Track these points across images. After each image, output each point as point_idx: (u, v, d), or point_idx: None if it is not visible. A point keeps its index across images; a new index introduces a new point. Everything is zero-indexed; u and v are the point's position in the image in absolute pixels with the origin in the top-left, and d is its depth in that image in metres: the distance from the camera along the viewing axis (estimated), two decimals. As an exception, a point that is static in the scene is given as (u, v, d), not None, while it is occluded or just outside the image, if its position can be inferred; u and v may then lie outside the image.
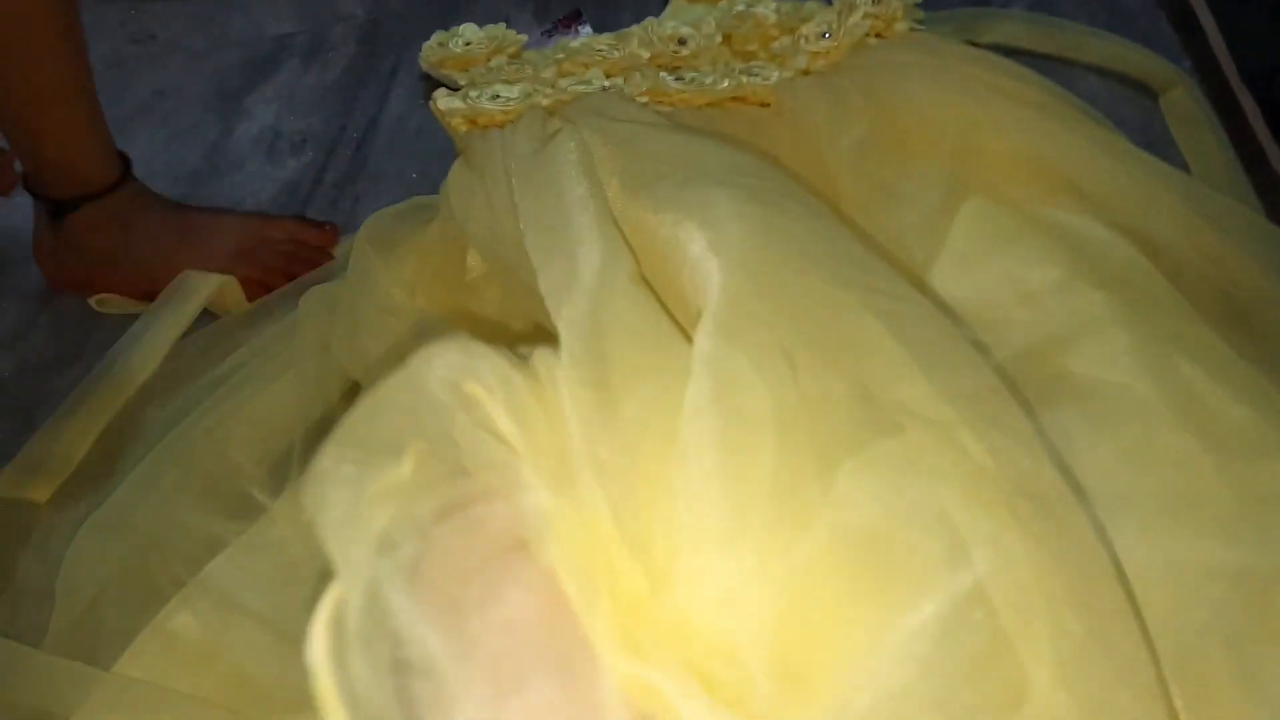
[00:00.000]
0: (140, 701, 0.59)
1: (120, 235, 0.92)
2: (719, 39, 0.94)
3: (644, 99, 0.87)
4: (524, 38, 0.99)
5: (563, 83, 0.89)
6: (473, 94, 0.88)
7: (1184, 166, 0.87)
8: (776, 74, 0.88)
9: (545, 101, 0.87)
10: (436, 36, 1.02)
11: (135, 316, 0.89)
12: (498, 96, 0.87)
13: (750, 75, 0.89)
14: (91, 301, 0.95)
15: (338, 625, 0.41)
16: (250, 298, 0.93)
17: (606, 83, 0.89)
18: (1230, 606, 0.53)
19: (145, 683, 0.59)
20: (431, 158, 1.05)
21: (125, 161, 0.95)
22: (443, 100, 0.88)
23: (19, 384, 0.90)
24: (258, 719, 0.58)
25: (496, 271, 0.79)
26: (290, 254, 0.94)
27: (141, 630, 0.61)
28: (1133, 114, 0.94)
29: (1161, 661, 0.52)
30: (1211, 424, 0.60)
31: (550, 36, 1.09)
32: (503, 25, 1.00)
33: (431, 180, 0.87)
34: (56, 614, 0.65)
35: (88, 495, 0.73)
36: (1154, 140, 0.89)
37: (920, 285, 0.70)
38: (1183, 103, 0.93)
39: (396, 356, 0.52)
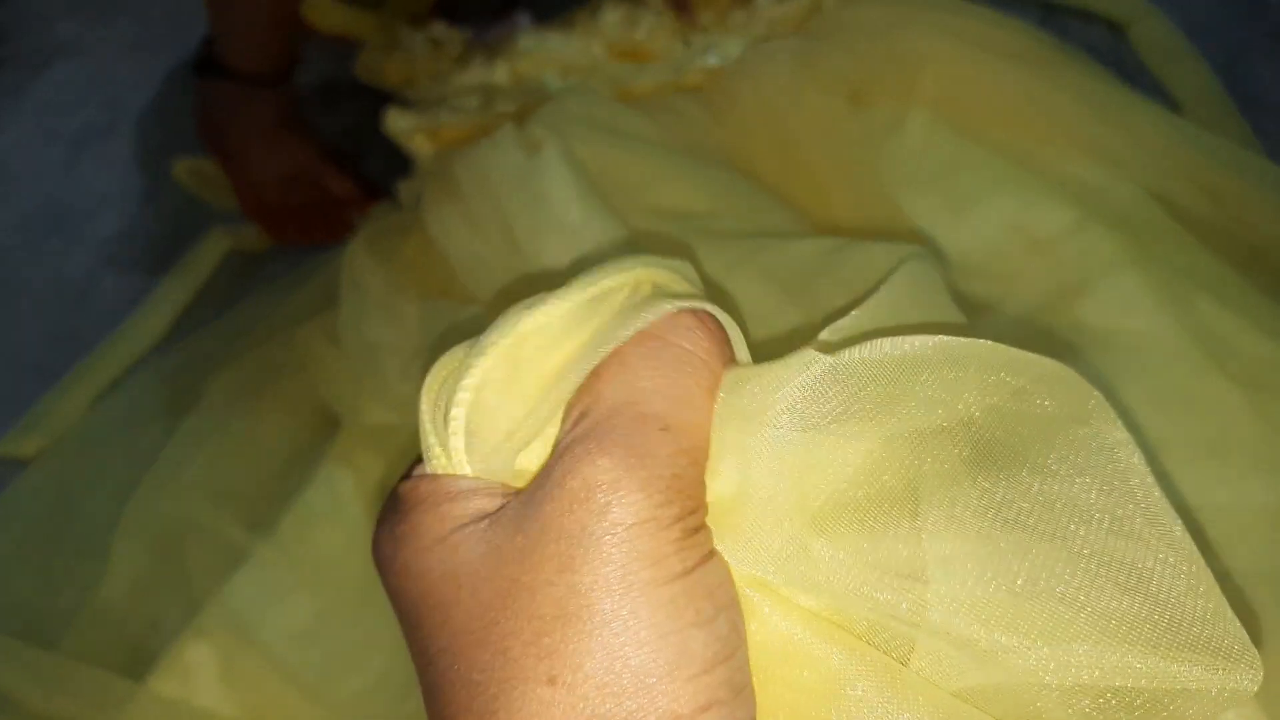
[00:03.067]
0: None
1: (235, 118, 0.98)
2: (670, 18, 0.91)
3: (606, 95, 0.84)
4: (465, 34, 0.96)
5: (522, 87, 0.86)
6: (427, 101, 0.86)
7: (1169, 101, 0.85)
8: (739, 46, 0.86)
9: (510, 108, 0.84)
10: (374, 39, 0.99)
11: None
12: (455, 109, 0.84)
13: (711, 56, 0.86)
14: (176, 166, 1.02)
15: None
16: (266, 227, 0.98)
17: (563, 85, 0.86)
18: (1273, 546, 0.52)
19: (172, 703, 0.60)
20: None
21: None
22: (397, 119, 0.85)
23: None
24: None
25: (482, 294, 0.77)
26: (316, 202, 0.97)
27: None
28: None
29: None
30: (1237, 362, 0.58)
31: (486, 31, 1.06)
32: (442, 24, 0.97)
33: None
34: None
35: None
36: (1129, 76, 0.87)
37: (915, 238, 0.67)
38: (1154, 34, 0.91)
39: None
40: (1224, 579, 0.50)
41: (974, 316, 0.64)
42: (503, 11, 1.08)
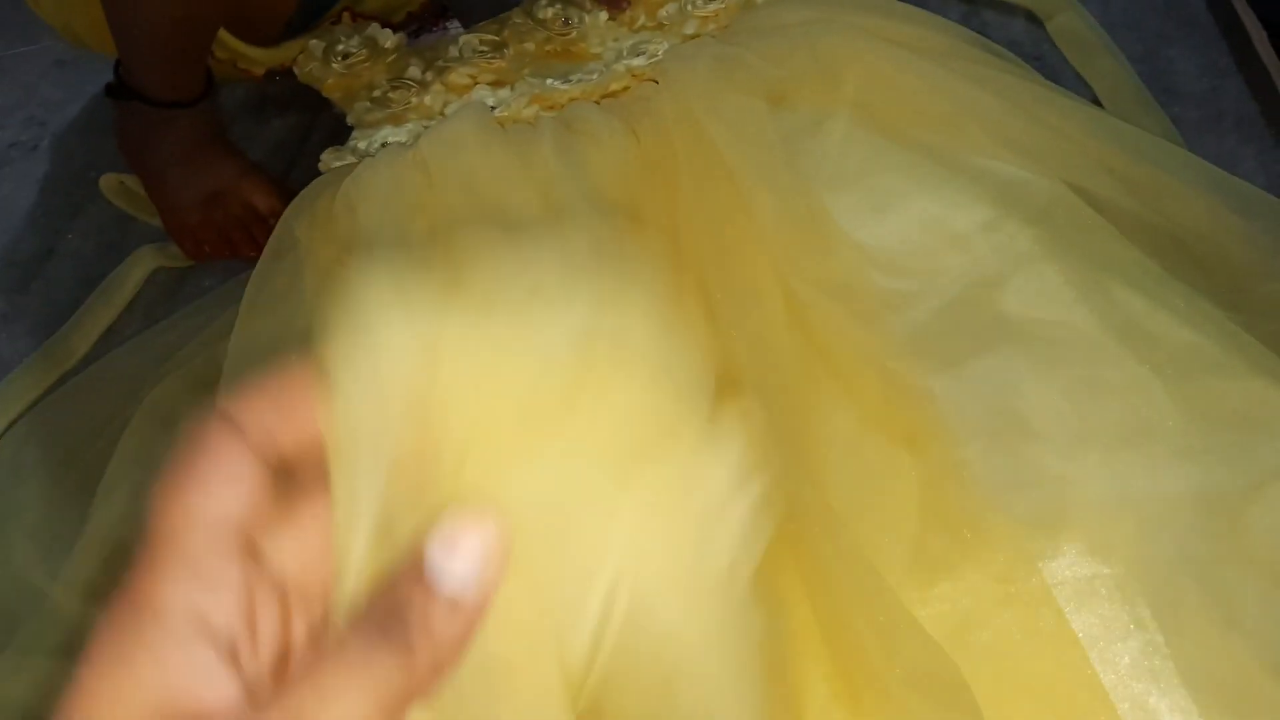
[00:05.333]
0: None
1: (152, 140, 0.96)
2: (604, 15, 0.91)
3: (531, 109, 0.84)
4: (400, 37, 0.95)
5: (450, 109, 0.86)
6: (361, 144, 0.86)
7: (1089, 94, 0.86)
8: (664, 45, 0.86)
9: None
10: (314, 44, 0.98)
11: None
12: (386, 144, 0.84)
13: (638, 55, 0.87)
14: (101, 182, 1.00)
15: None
16: (185, 249, 0.96)
17: (493, 99, 0.86)
18: (1197, 534, 0.53)
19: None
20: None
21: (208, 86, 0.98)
22: (332, 159, 0.86)
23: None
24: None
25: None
26: (238, 218, 0.95)
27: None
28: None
29: (1138, 599, 0.52)
30: (1155, 349, 0.59)
31: (417, 36, 1.06)
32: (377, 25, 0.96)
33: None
34: None
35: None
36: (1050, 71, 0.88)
37: (836, 234, 0.68)
38: (1072, 27, 0.92)
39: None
40: (1148, 569, 0.51)
41: (895, 311, 0.64)
42: (436, 20, 1.08)
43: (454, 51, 0.91)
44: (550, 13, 0.90)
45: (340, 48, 0.94)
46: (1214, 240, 0.70)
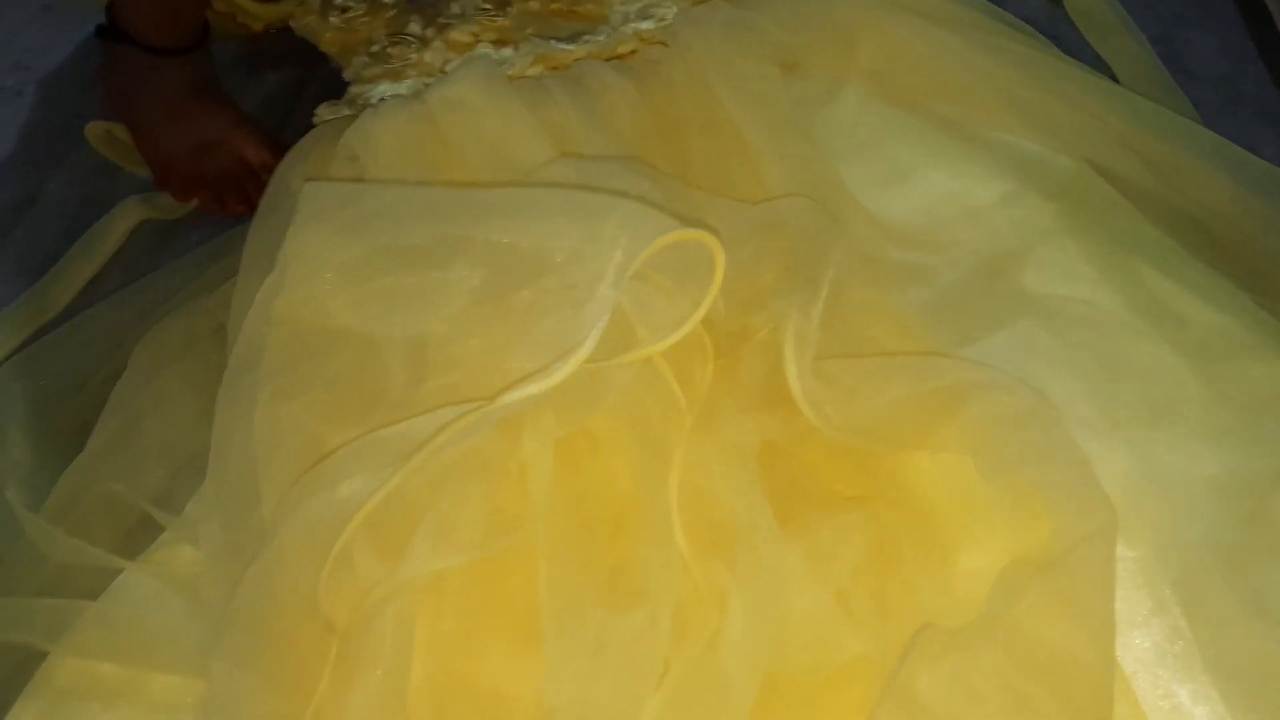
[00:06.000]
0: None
1: (142, 88, 0.94)
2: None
3: (535, 68, 0.82)
4: None
5: (450, 67, 0.84)
6: (358, 99, 0.83)
7: (1106, 73, 0.85)
8: (674, 9, 0.84)
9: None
10: (310, -1, 0.96)
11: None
12: (384, 99, 0.82)
13: (646, 19, 0.85)
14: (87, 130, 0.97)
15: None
16: (175, 197, 0.94)
17: (495, 59, 0.84)
18: (1223, 518, 0.52)
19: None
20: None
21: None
22: (328, 113, 0.83)
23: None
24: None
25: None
26: (229, 171, 0.93)
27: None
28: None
29: (1161, 583, 0.50)
30: (1181, 330, 0.58)
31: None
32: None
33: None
34: None
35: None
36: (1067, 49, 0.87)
37: (851, 206, 0.66)
38: (1090, 5, 0.91)
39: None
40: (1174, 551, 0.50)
41: (910, 285, 0.63)
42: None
43: (456, 8, 0.89)
44: (555, -32, 0.88)
45: (338, 1, 0.92)
46: (1234, 221, 0.69)
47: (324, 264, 0.60)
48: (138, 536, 0.63)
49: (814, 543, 0.50)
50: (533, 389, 0.51)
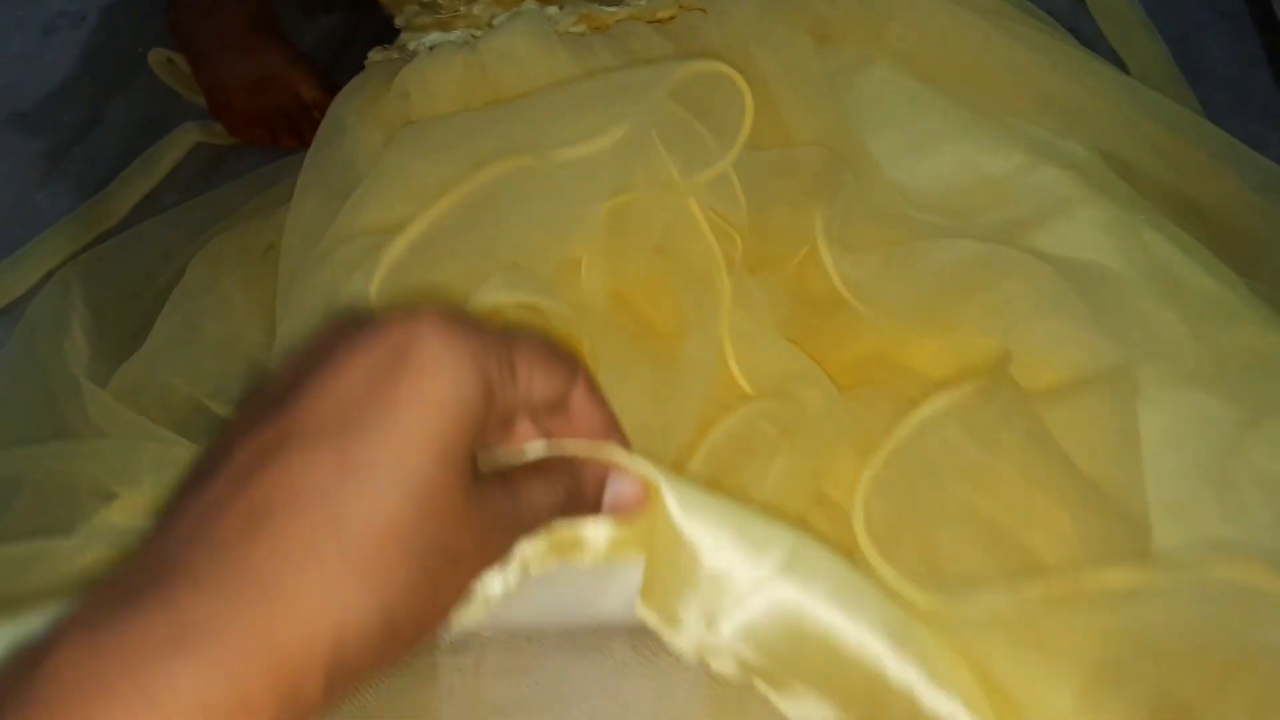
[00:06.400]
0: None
1: (205, 19, 0.98)
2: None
3: (579, 27, 0.86)
4: None
5: (497, 19, 0.87)
6: (409, 45, 0.86)
7: (1122, 69, 0.89)
8: (712, -21, 0.87)
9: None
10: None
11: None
12: (434, 48, 0.85)
13: (687, -13, 0.88)
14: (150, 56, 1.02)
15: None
16: (228, 129, 0.98)
17: (543, 13, 0.87)
18: (1210, 451, 0.55)
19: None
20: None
21: None
22: (379, 56, 0.86)
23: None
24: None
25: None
26: (282, 106, 0.97)
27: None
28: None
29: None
30: (1178, 292, 0.62)
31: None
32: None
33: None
34: None
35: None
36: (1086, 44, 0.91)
37: (873, 171, 0.70)
38: (1111, 3, 0.95)
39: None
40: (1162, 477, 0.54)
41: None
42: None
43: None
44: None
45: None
46: (1233, 211, 0.73)
47: (404, 185, 0.64)
48: (194, 425, 0.67)
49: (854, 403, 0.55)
50: (583, 149, 0.56)
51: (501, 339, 0.35)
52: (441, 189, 0.59)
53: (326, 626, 0.29)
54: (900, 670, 0.41)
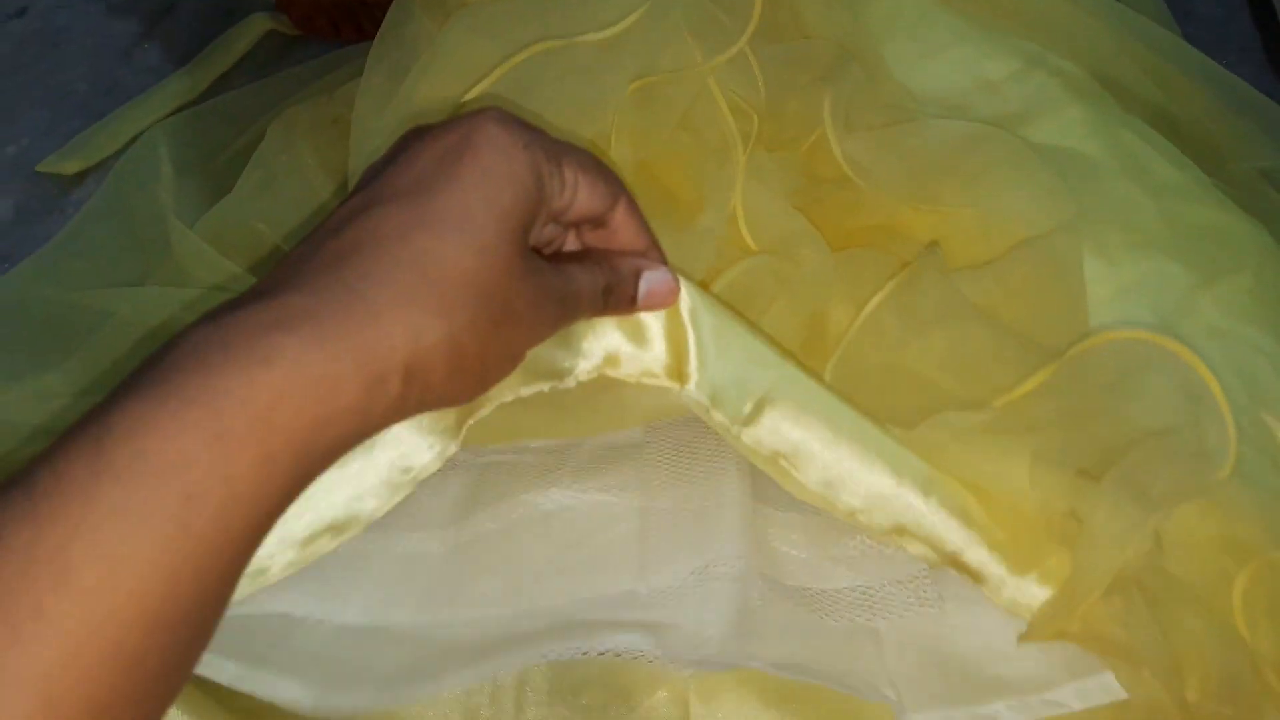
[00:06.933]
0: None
1: None
2: None
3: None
4: None
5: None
6: None
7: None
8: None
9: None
10: None
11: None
12: None
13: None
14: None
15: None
16: (293, 20, 1.04)
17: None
18: (1168, 304, 0.64)
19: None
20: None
21: None
22: None
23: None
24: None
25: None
26: (342, 1, 1.02)
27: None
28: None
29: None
30: (1147, 177, 0.71)
31: None
32: None
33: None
34: None
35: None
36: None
37: (881, 71, 0.77)
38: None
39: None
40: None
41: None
42: None
43: None
44: None
45: None
46: (1204, 125, 0.80)
47: (456, 63, 0.70)
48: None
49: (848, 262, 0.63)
50: (610, 32, 0.64)
51: (554, 143, 0.42)
52: (489, 68, 0.67)
53: (403, 337, 0.35)
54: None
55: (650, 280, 0.49)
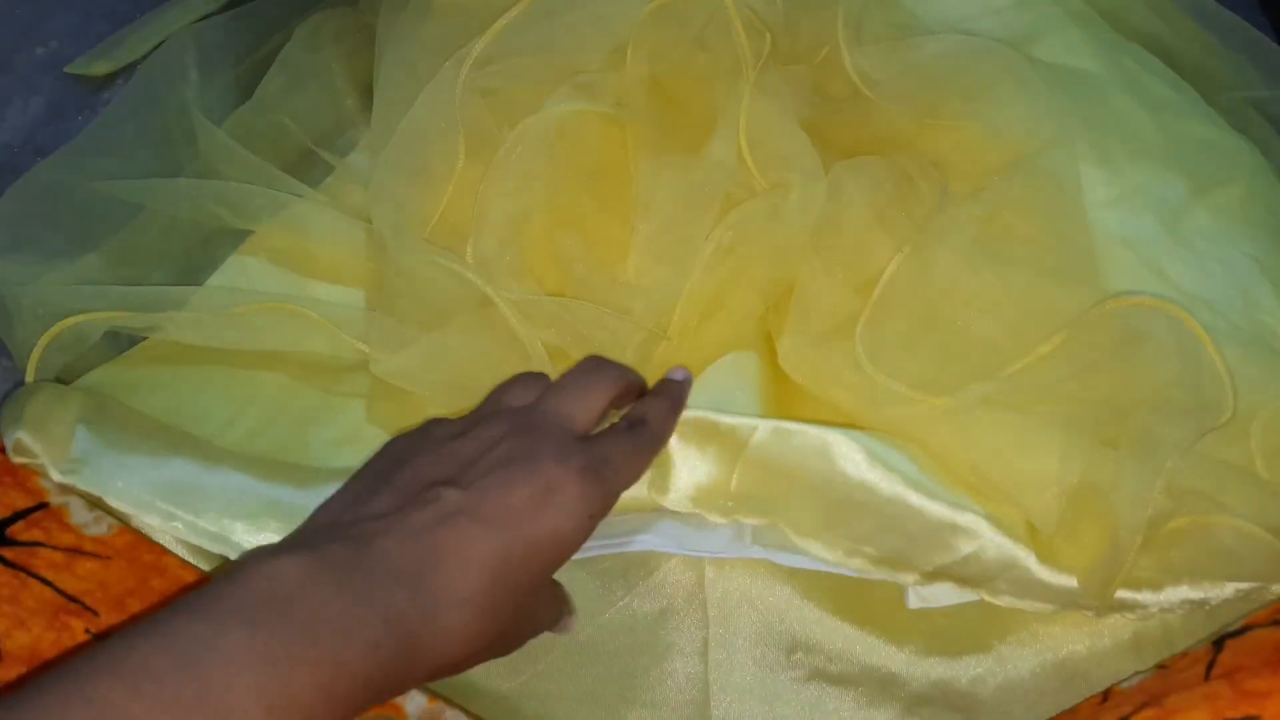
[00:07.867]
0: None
1: None
2: None
3: None
4: None
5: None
6: None
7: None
8: None
9: None
10: None
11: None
12: None
13: None
14: None
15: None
16: None
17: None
18: (1165, 209, 0.69)
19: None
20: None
21: None
22: None
23: None
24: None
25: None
26: None
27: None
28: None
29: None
30: (1145, 94, 0.75)
31: None
32: None
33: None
34: None
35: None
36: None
37: (896, 3, 0.80)
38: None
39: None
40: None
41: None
42: None
43: None
44: None
45: None
46: (1197, 54, 0.83)
47: None
48: (302, 168, 0.77)
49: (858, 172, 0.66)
50: None
51: (612, 491, 0.52)
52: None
53: (456, 637, 0.45)
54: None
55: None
